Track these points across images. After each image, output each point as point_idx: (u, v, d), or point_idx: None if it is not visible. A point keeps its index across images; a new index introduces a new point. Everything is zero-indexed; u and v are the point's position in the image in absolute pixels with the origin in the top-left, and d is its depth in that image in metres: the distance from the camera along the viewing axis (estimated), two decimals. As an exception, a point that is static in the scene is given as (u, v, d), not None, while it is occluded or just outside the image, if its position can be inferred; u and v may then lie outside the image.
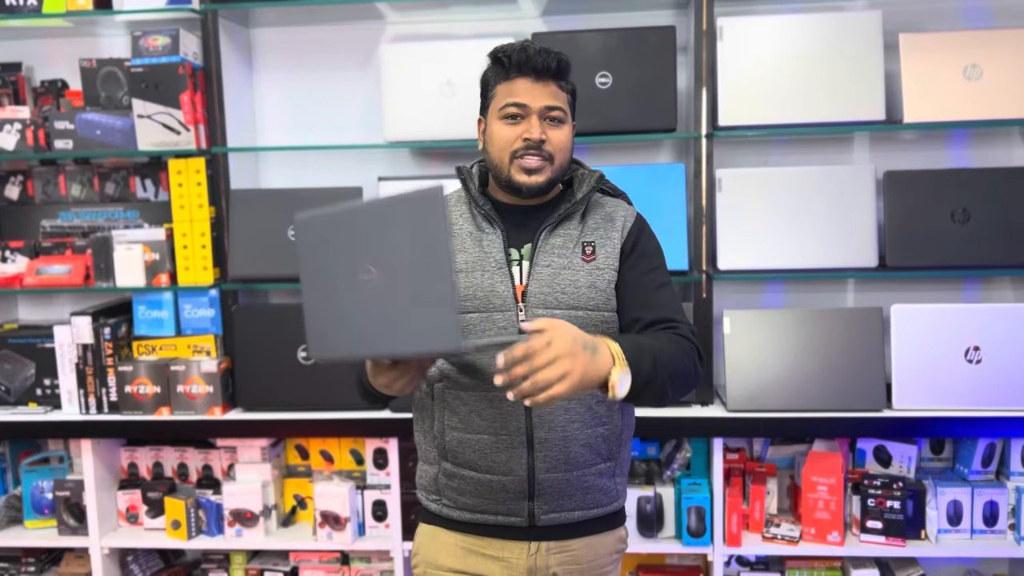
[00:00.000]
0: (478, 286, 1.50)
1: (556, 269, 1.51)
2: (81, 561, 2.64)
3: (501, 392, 1.40)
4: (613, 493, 1.59)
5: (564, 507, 1.54)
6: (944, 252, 2.29)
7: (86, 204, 2.67)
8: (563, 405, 1.49)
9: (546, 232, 1.54)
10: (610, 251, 1.54)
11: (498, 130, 1.51)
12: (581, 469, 1.53)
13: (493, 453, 1.51)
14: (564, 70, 1.51)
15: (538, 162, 1.49)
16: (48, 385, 2.54)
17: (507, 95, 1.50)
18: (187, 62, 2.39)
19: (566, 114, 1.52)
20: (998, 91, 2.24)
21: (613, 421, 1.56)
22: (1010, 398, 2.23)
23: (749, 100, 2.30)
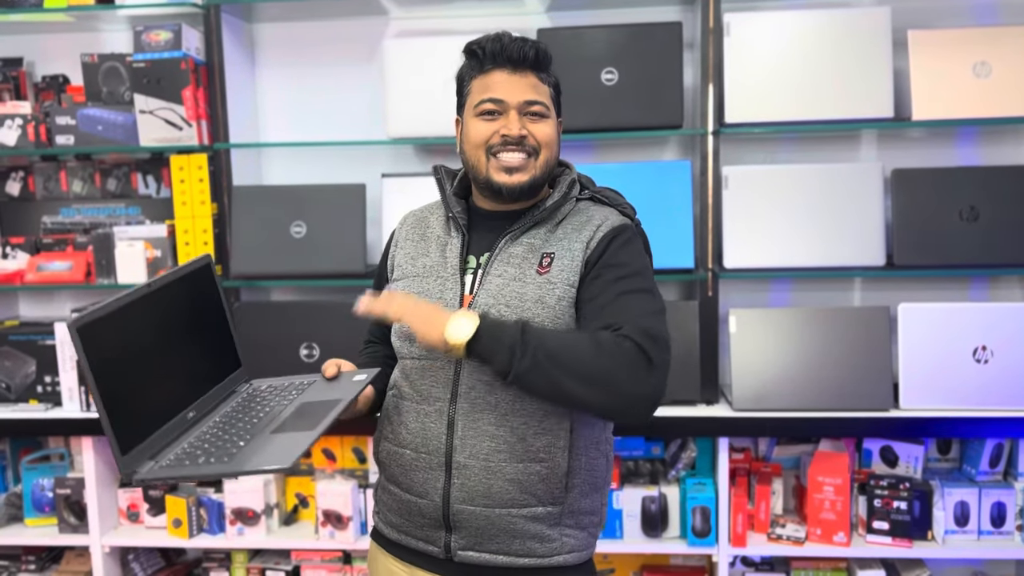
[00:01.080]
0: (428, 292, 1.42)
1: (506, 280, 1.38)
2: (82, 559, 2.63)
3: (430, 407, 1.38)
4: (554, 545, 1.39)
5: (484, 547, 1.38)
6: (952, 251, 2.27)
7: (87, 200, 2.66)
8: (490, 431, 1.34)
9: (508, 239, 1.41)
10: (567, 264, 1.37)
11: (474, 127, 1.39)
12: (506, 507, 1.35)
13: (412, 471, 1.40)
14: (543, 60, 1.39)
15: (520, 159, 1.37)
16: (49, 382, 2.52)
17: (483, 90, 1.38)
18: (189, 57, 2.38)
19: (548, 108, 1.39)
20: (1007, 88, 2.23)
21: (554, 459, 1.36)
22: (1018, 398, 2.21)
23: (756, 97, 2.28)
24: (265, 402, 1.39)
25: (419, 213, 1.56)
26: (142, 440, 1.23)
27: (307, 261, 2.39)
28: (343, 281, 2.43)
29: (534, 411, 1.35)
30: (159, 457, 1.24)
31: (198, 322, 1.44)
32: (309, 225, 2.41)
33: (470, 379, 1.36)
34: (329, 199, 2.42)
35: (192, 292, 1.43)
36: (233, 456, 1.20)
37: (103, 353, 1.18)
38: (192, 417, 1.34)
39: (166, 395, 1.32)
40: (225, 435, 1.28)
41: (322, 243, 2.40)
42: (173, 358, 1.36)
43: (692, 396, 2.32)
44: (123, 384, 1.22)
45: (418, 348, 1.40)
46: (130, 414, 1.22)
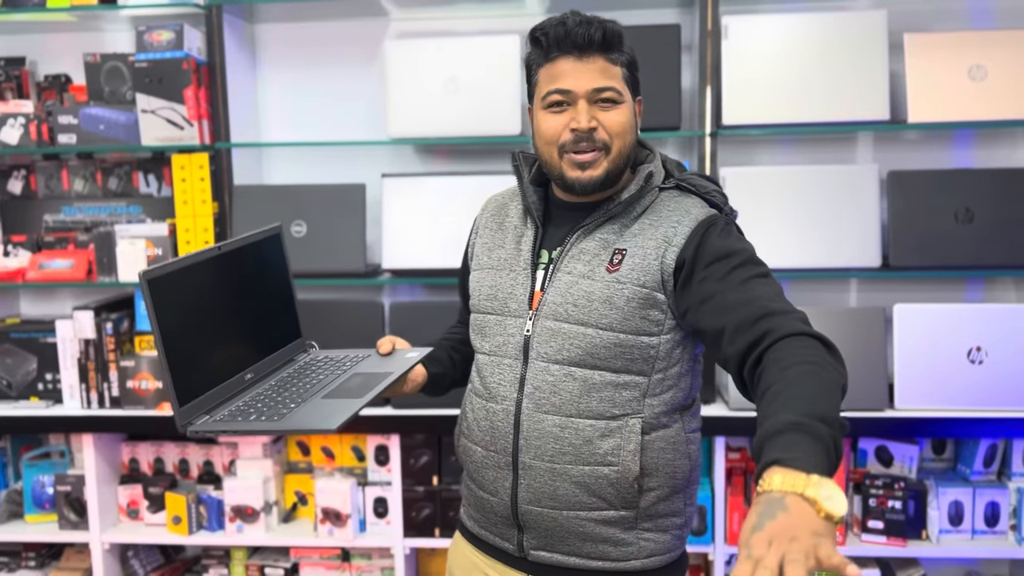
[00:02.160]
0: (500, 287, 1.40)
1: (576, 277, 1.32)
2: (81, 556, 2.64)
3: (497, 404, 1.36)
4: (630, 549, 1.33)
5: (555, 548, 1.35)
6: (947, 252, 2.29)
7: (89, 199, 2.67)
8: (554, 432, 1.31)
9: (580, 234, 1.35)
10: (638, 262, 1.30)
11: (543, 121, 1.33)
12: (573, 510, 1.32)
13: (483, 468, 1.39)
14: (612, 41, 1.30)
15: (591, 155, 1.30)
16: (50, 380, 2.53)
17: (549, 80, 1.31)
18: (191, 57, 2.39)
19: (620, 93, 1.31)
20: (1002, 91, 2.24)
21: (624, 463, 1.30)
22: (1012, 399, 2.23)
23: (753, 99, 2.30)
24: (320, 370, 1.45)
25: (500, 199, 1.52)
26: (199, 395, 1.28)
27: (307, 260, 2.41)
28: (343, 280, 2.44)
29: (601, 413, 1.30)
30: (214, 412, 1.29)
31: (263, 288, 1.48)
32: (309, 224, 2.43)
33: (536, 378, 1.33)
34: (329, 199, 2.44)
35: (260, 259, 1.47)
36: (283, 416, 1.25)
37: (169, 307, 1.23)
38: (250, 379, 1.40)
39: (226, 355, 1.37)
40: (279, 397, 1.33)
41: (322, 242, 2.41)
42: (236, 320, 1.40)
43: (689, 395, 2.33)
44: (186, 339, 1.27)
45: (491, 343, 1.39)
46: (190, 369, 1.27)
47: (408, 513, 2.42)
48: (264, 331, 1.48)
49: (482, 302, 1.42)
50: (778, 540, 0.82)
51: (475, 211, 1.56)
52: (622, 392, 1.31)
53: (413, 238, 2.40)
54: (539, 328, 1.33)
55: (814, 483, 0.87)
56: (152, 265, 1.20)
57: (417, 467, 2.42)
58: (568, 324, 1.31)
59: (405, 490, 2.42)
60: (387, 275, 2.46)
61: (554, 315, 1.32)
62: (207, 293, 1.33)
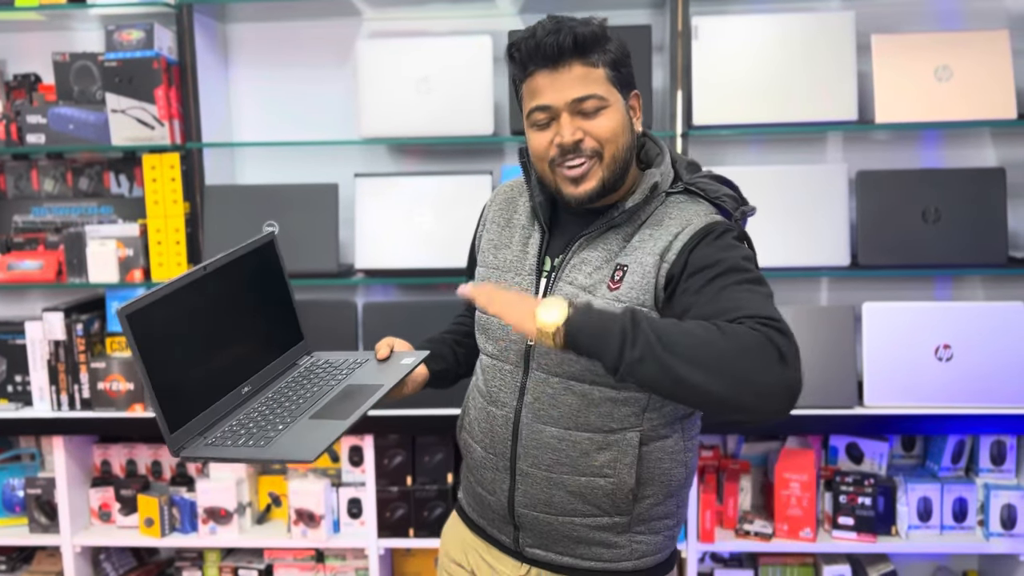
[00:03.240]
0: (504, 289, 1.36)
1: (576, 289, 1.29)
2: (53, 559, 2.62)
3: (497, 409, 1.37)
4: (623, 551, 1.35)
5: (550, 548, 1.38)
6: (915, 251, 2.31)
7: (59, 199, 2.65)
8: (552, 443, 1.31)
9: (583, 242, 1.32)
10: (638, 280, 1.26)
11: (531, 138, 1.30)
12: (568, 516, 1.34)
13: (482, 468, 1.41)
14: (587, 44, 1.23)
15: (583, 166, 1.26)
16: (19, 381, 2.51)
17: (530, 96, 1.28)
18: (162, 57, 2.38)
19: (604, 98, 1.25)
20: (968, 92, 2.27)
21: (620, 475, 1.30)
22: (979, 396, 2.26)
23: (724, 99, 2.31)
24: (315, 380, 1.42)
25: (509, 192, 1.48)
26: (192, 417, 1.27)
27: (280, 260, 2.39)
28: (316, 281, 2.44)
29: (599, 427, 1.30)
30: (208, 433, 1.27)
31: (259, 297, 1.46)
32: (282, 225, 2.42)
33: (536, 389, 1.32)
34: (302, 199, 2.43)
35: (254, 268, 1.45)
36: (269, 441, 1.23)
37: (152, 337, 1.21)
38: (247, 392, 1.38)
39: (220, 372, 1.34)
40: (271, 414, 1.31)
41: (295, 243, 2.40)
42: (230, 335, 1.38)
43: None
44: (173, 366, 1.25)
45: (493, 345, 1.38)
46: (180, 395, 1.25)
47: (382, 513, 2.42)
48: (261, 340, 1.46)
49: None
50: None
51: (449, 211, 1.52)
52: (621, 408, 1.30)
53: (386, 238, 2.40)
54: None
55: (545, 303, 1.16)
56: (129, 300, 1.19)
57: (391, 467, 2.41)
58: None
59: (379, 491, 2.41)
60: (360, 275, 2.45)
61: None
62: (193, 316, 1.31)
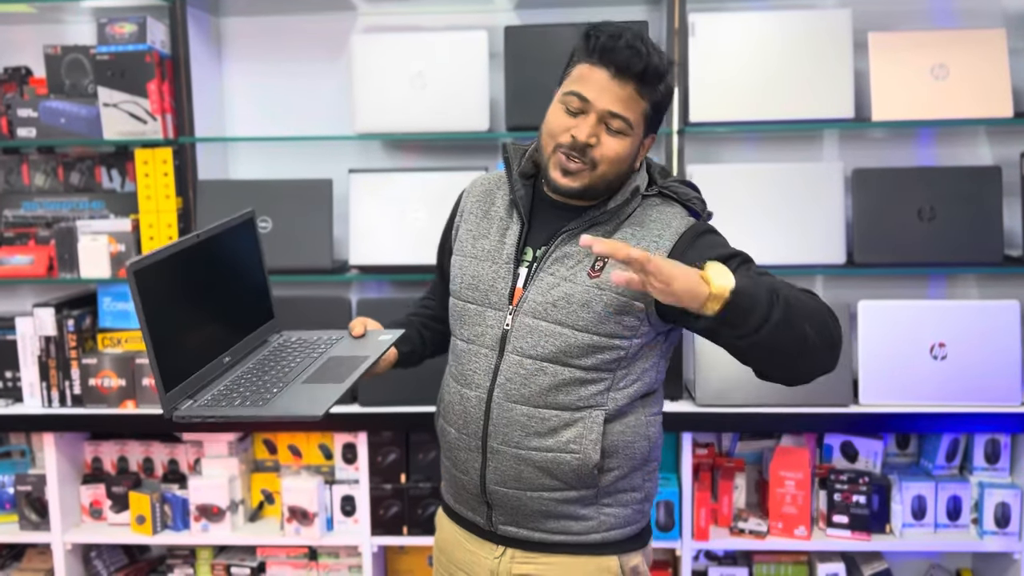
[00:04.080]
0: (481, 278, 1.44)
1: (557, 279, 1.38)
2: (43, 557, 2.60)
3: (471, 391, 1.43)
4: (591, 523, 1.43)
5: (521, 524, 1.44)
6: (911, 249, 2.31)
7: (50, 194, 2.62)
8: (521, 421, 1.38)
9: (565, 237, 1.40)
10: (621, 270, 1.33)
11: (554, 113, 1.36)
12: (537, 491, 1.41)
13: (456, 449, 1.47)
14: (652, 76, 1.31)
15: (577, 164, 1.34)
16: (10, 378, 2.49)
17: (579, 79, 1.34)
18: (154, 50, 2.36)
19: (631, 127, 1.33)
20: (964, 90, 2.27)
21: (585, 451, 1.37)
22: (973, 394, 2.26)
23: (720, 97, 2.31)
24: (296, 353, 1.48)
25: (487, 184, 1.54)
26: (182, 380, 1.32)
27: (273, 256, 2.33)
28: (309, 276, 2.42)
29: (567, 405, 1.38)
30: (197, 397, 1.32)
31: (238, 272, 1.53)
32: (275, 220, 2.40)
33: (509, 371, 1.39)
34: (296, 194, 2.41)
35: (234, 243, 1.51)
36: (267, 401, 1.28)
37: (154, 295, 1.27)
38: (228, 362, 1.43)
39: (206, 339, 1.41)
40: (259, 380, 1.37)
41: (288, 238, 2.39)
42: (214, 305, 1.45)
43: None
44: (170, 326, 1.31)
45: (469, 331, 1.45)
46: (175, 355, 1.31)
47: (376, 511, 2.40)
48: (239, 314, 1.52)
49: (463, 290, 1.47)
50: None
51: (443, 207, 1.55)
52: (588, 387, 1.38)
53: (380, 234, 2.39)
54: (518, 323, 1.39)
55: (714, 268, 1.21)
56: (137, 256, 1.25)
57: (385, 465, 2.40)
58: (546, 323, 1.37)
59: (373, 488, 2.40)
60: (354, 271, 2.44)
61: (533, 313, 1.38)
62: (188, 280, 1.37)
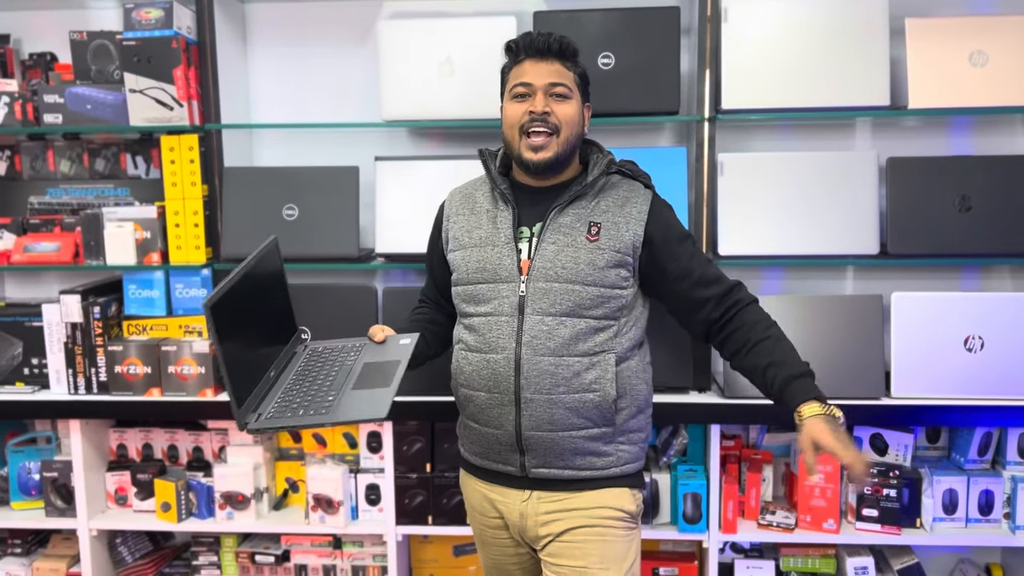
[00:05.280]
0: (487, 260, 1.69)
1: (560, 246, 1.66)
2: (69, 543, 2.61)
3: (498, 355, 1.66)
4: (610, 459, 1.70)
5: (553, 464, 1.68)
6: (945, 240, 2.27)
7: (75, 181, 2.62)
8: (550, 370, 1.63)
9: (556, 211, 1.69)
10: (614, 234, 1.67)
11: (508, 109, 1.69)
12: (567, 431, 1.65)
13: (488, 409, 1.69)
14: (566, 50, 1.68)
15: (543, 138, 1.64)
16: (36, 364, 2.49)
17: (516, 77, 1.68)
18: (180, 36, 2.34)
19: (571, 90, 1.67)
20: (1004, 78, 2.22)
21: (604, 389, 1.64)
22: (1008, 387, 2.22)
23: (753, 84, 2.27)
24: (331, 362, 1.69)
25: (464, 190, 1.83)
26: (246, 397, 1.50)
27: (299, 244, 2.37)
28: (335, 265, 2.41)
29: (585, 351, 1.64)
30: (260, 410, 1.50)
31: (270, 294, 1.75)
32: (301, 208, 2.39)
33: (533, 329, 1.63)
34: (321, 182, 2.40)
35: (266, 269, 1.74)
36: (329, 408, 1.46)
37: (224, 324, 1.47)
38: (272, 376, 1.62)
39: (257, 358, 1.62)
40: (311, 390, 1.56)
41: (314, 226, 2.38)
42: (258, 326, 1.66)
43: (684, 383, 2.32)
44: (235, 350, 1.51)
45: (487, 306, 1.68)
46: (239, 375, 1.50)
47: (400, 500, 2.40)
48: (275, 331, 1.74)
49: (471, 275, 1.71)
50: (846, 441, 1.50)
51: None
52: (601, 334, 1.65)
53: (407, 222, 2.36)
54: (532, 289, 1.65)
55: (831, 407, 1.57)
56: (209, 293, 1.53)
57: (410, 454, 2.39)
58: (558, 283, 1.64)
59: (397, 477, 2.39)
60: (380, 260, 2.42)
61: (545, 277, 1.64)
62: (243, 306, 1.58)
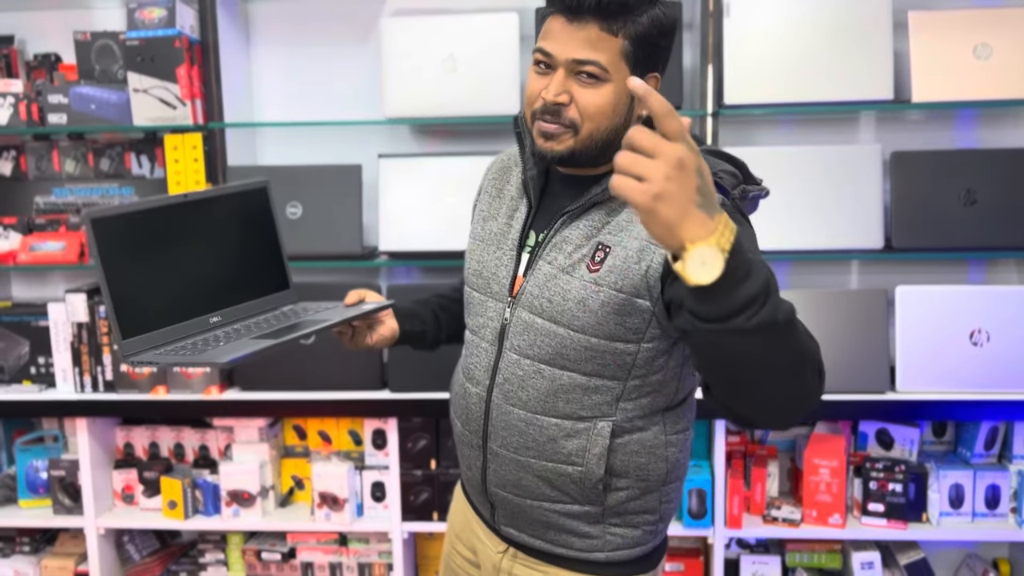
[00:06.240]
0: (486, 264, 1.34)
1: (556, 270, 1.24)
2: (76, 541, 2.62)
3: (472, 387, 1.35)
4: (595, 542, 1.31)
5: (523, 529, 1.35)
6: (950, 234, 2.26)
7: (80, 180, 2.63)
8: (519, 427, 1.28)
9: (566, 219, 1.25)
10: (619, 264, 1.19)
11: (529, 79, 1.22)
12: (536, 500, 1.30)
13: (461, 443, 1.41)
14: (612, 7, 1.12)
15: (555, 127, 1.19)
16: (42, 363, 2.50)
17: (541, 36, 1.20)
18: (183, 35, 2.35)
19: (606, 70, 1.15)
20: (1008, 70, 2.21)
21: (588, 465, 1.25)
22: (1014, 381, 2.22)
23: (756, 78, 2.26)
24: (282, 318, 1.50)
25: (506, 161, 1.43)
26: (149, 330, 1.35)
27: (302, 242, 2.38)
28: (339, 262, 2.41)
29: (568, 413, 1.25)
30: (164, 347, 1.35)
31: (243, 239, 1.54)
32: (305, 206, 2.39)
33: (507, 370, 1.29)
34: (325, 180, 2.40)
35: (241, 210, 1.52)
36: (203, 352, 1.30)
37: (117, 246, 1.30)
38: (216, 321, 1.45)
39: (189, 297, 1.43)
40: (224, 338, 1.39)
41: (318, 224, 2.38)
42: (205, 266, 1.46)
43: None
44: (136, 279, 1.34)
45: (472, 320, 1.36)
46: (140, 306, 1.34)
47: (406, 497, 2.40)
48: (241, 280, 1.53)
49: (470, 276, 1.39)
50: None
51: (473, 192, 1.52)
52: (592, 395, 1.24)
53: (410, 220, 2.37)
54: (515, 318, 1.28)
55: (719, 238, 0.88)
56: (100, 207, 1.29)
57: (415, 451, 2.40)
58: (541, 320, 1.24)
59: (403, 474, 2.40)
60: (384, 257, 2.43)
61: (530, 307, 1.26)
62: (164, 238, 1.39)
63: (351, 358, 2.34)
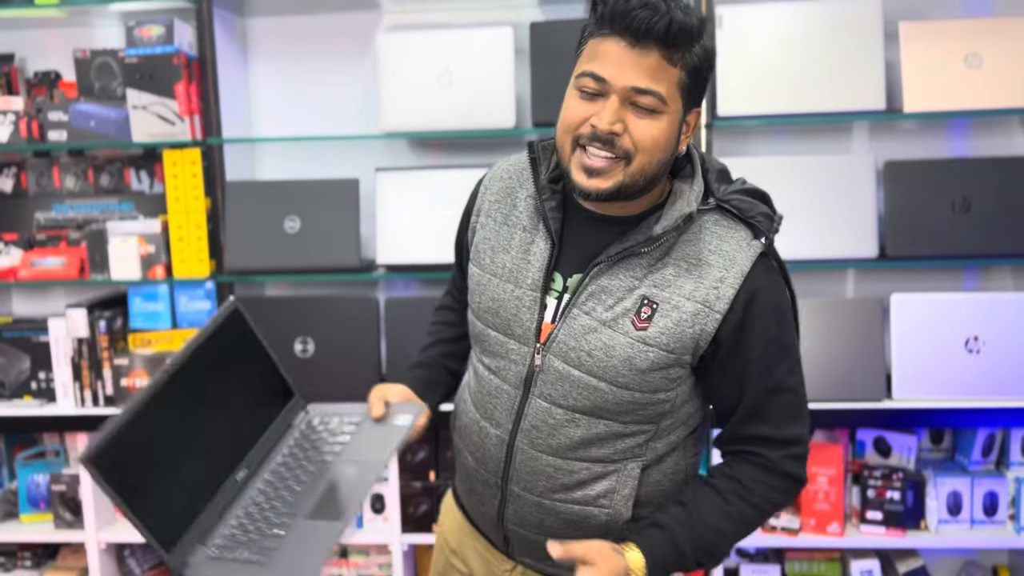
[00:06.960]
0: (503, 304, 1.24)
1: (595, 322, 1.17)
2: (78, 556, 2.63)
3: (491, 428, 1.28)
4: None
5: (541, 560, 1.30)
6: (944, 242, 2.27)
7: (80, 196, 2.65)
8: (547, 471, 1.23)
9: (603, 267, 1.17)
10: (670, 325, 1.14)
11: (568, 102, 1.13)
12: (558, 538, 1.21)
13: (474, 478, 1.34)
14: (679, 37, 1.06)
15: (604, 161, 1.10)
16: (43, 378, 2.52)
17: (591, 58, 1.11)
18: (182, 52, 2.37)
19: (665, 102, 1.09)
20: (999, 80, 2.23)
21: (615, 507, 1.23)
22: (1010, 388, 2.22)
23: (749, 90, 2.28)
24: (311, 455, 1.33)
25: (508, 181, 1.31)
26: (187, 528, 1.17)
27: (301, 256, 2.39)
28: (337, 276, 2.43)
29: (600, 458, 1.22)
30: (209, 539, 1.19)
31: (237, 371, 1.35)
32: (303, 220, 2.41)
33: (536, 417, 1.23)
34: (322, 194, 2.42)
35: (224, 344, 1.32)
36: (270, 556, 1.15)
37: (122, 471, 1.10)
38: (243, 476, 1.28)
39: (210, 468, 1.24)
40: (269, 510, 1.23)
41: (316, 238, 2.40)
42: (214, 425, 1.27)
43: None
44: (157, 486, 1.15)
45: (491, 360, 1.27)
46: (170, 511, 1.16)
47: (406, 509, 2.41)
48: (249, 415, 1.35)
49: (483, 312, 1.28)
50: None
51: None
52: (626, 440, 1.22)
53: (408, 233, 2.39)
54: (547, 366, 1.20)
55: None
56: (89, 444, 1.08)
57: (414, 463, 2.41)
58: (579, 372, 1.18)
59: (402, 486, 2.40)
60: (382, 270, 2.44)
61: (565, 358, 1.19)
62: (163, 426, 1.18)
63: (350, 369, 2.35)
